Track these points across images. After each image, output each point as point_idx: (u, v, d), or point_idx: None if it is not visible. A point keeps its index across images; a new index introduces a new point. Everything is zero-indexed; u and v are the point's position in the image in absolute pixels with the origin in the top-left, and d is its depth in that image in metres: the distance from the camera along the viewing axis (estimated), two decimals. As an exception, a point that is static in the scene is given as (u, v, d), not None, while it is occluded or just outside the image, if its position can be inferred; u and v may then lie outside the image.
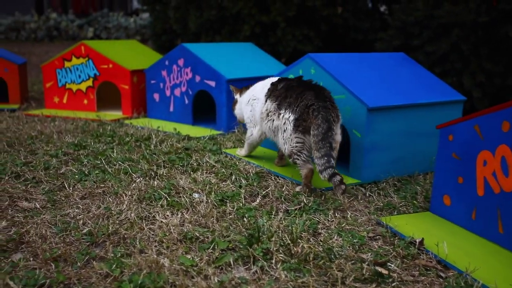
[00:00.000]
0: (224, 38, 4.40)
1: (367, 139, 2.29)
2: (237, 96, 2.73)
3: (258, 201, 2.10)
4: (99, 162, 2.48)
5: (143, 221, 1.86)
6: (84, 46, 3.80)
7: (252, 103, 2.52)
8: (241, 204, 2.05)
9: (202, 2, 4.39)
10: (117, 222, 1.85)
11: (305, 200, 2.09)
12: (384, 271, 1.54)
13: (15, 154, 2.58)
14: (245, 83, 3.24)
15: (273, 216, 1.95)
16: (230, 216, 1.93)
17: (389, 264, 1.60)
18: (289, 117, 2.21)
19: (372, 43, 3.95)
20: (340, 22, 3.99)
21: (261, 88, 2.47)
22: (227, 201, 2.08)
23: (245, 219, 1.90)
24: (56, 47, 10.94)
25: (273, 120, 2.30)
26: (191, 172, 2.41)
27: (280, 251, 1.65)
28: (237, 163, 2.56)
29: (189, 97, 3.41)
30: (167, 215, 1.91)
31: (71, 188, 2.17)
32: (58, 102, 3.95)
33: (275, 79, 2.46)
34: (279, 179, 2.37)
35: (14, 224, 1.82)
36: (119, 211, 1.93)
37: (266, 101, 2.35)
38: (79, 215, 1.90)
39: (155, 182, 2.23)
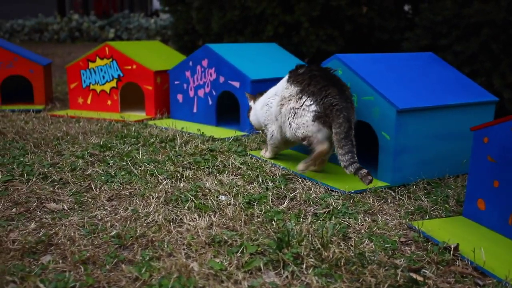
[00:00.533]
0: (247, 38, 4.37)
1: (396, 141, 2.24)
2: (251, 103, 2.80)
3: (285, 204, 2.07)
4: (124, 163, 2.47)
5: (171, 223, 1.85)
6: (108, 47, 3.82)
7: (268, 102, 2.57)
8: (268, 207, 2.02)
9: (225, 2, 4.38)
10: (145, 224, 1.84)
11: (333, 203, 2.06)
12: (419, 278, 1.49)
13: (42, 155, 2.59)
14: (269, 84, 3.21)
15: (301, 219, 1.92)
16: (258, 219, 1.90)
17: (423, 270, 1.55)
18: (310, 105, 2.28)
19: (398, 43, 3.89)
20: (365, 22, 3.94)
21: (274, 88, 2.59)
22: (254, 203, 2.05)
23: (273, 222, 1.87)
24: (78, 48, 11.07)
25: (290, 103, 2.35)
26: (217, 174, 2.39)
27: (311, 255, 1.62)
28: (263, 165, 2.54)
29: (213, 98, 3.39)
30: (195, 218, 1.89)
31: (97, 190, 2.16)
32: (82, 103, 3.98)
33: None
34: (306, 182, 2.34)
35: (42, 225, 1.82)
36: (146, 213, 1.92)
37: (289, 86, 2.39)
38: (107, 217, 1.89)
39: (181, 184, 2.22)
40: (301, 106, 2.30)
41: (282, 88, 2.45)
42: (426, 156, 2.32)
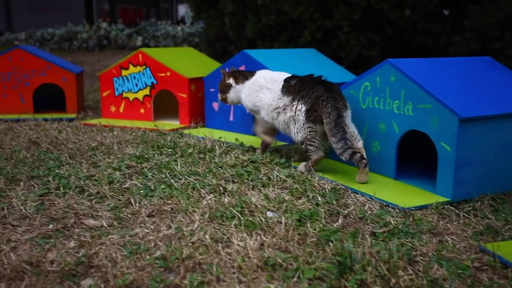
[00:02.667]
0: (282, 44, 4.23)
1: (458, 153, 2.06)
2: (231, 81, 2.79)
3: (340, 221, 1.91)
4: (163, 176, 2.34)
5: (218, 243, 1.70)
6: (142, 54, 3.72)
7: (260, 90, 2.64)
8: (321, 225, 1.86)
9: (261, 7, 4.24)
10: (190, 244, 1.69)
11: (392, 222, 1.88)
12: (507, 312, 1.31)
13: (77, 167, 2.48)
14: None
15: (359, 239, 1.76)
16: (312, 239, 1.74)
17: (509, 302, 1.37)
18: (302, 108, 2.41)
19: (443, 48, 3.70)
20: (407, 26, 3.75)
21: (271, 80, 2.63)
22: (306, 221, 1.89)
23: (330, 243, 1.71)
24: (106, 55, 11.10)
25: (287, 113, 2.49)
26: (262, 188, 2.24)
27: (377, 283, 1.45)
28: (310, 178, 2.38)
29: (250, 106, 3.25)
30: (243, 237, 1.74)
31: (137, 205, 2.03)
32: (114, 111, 3.88)
33: (273, 73, 2.69)
34: (359, 196, 2.17)
35: (81, 244, 1.69)
36: (190, 231, 1.78)
37: (283, 96, 2.52)
38: (149, 236, 1.75)
39: (226, 199, 2.07)
40: (295, 112, 2.45)
41: (276, 98, 2.55)
42: (491, 169, 2.13)
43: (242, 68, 3.25)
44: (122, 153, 2.73)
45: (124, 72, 3.81)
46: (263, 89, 2.63)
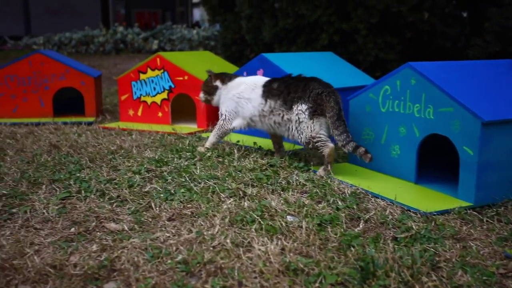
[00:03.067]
0: (299, 47, 4.22)
1: (481, 157, 2.03)
2: (217, 83, 2.85)
3: (361, 226, 1.89)
4: (183, 179, 2.35)
5: (239, 248, 1.70)
6: (160, 58, 3.74)
7: (238, 102, 2.73)
8: (342, 230, 1.85)
9: (278, 11, 4.25)
10: (211, 248, 1.69)
11: (414, 227, 1.87)
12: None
13: (97, 170, 2.50)
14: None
15: (381, 244, 1.74)
16: (334, 244, 1.73)
17: (536, 310, 1.35)
18: (303, 107, 2.47)
19: (462, 50, 3.66)
20: (426, 28, 3.72)
21: (250, 88, 2.70)
22: (327, 226, 1.88)
23: (352, 248, 1.70)
24: (122, 59, 11.19)
25: (281, 115, 2.56)
26: (281, 192, 2.24)
27: (401, 289, 1.44)
28: (329, 182, 2.37)
29: (268, 110, 3.25)
30: (264, 242, 1.74)
31: (157, 209, 2.04)
32: (132, 115, 3.91)
33: (258, 78, 2.78)
34: (380, 201, 2.15)
35: (103, 248, 1.70)
36: (211, 235, 1.78)
37: (266, 101, 2.61)
38: (170, 240, 1.76)
39: (245, 203, 2.07)
40: (296, 114, 2.50)
41: (257, 104, 2.64)
42: (514, 173, 2.10)
43: (260, 72, 3.25)
44: (141, 157, 2.75)
45: (142, 76, 3.84)
46: (241, 99, 2.72)
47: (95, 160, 2.69)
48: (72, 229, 1.87)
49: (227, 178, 2.37)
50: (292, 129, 2.53)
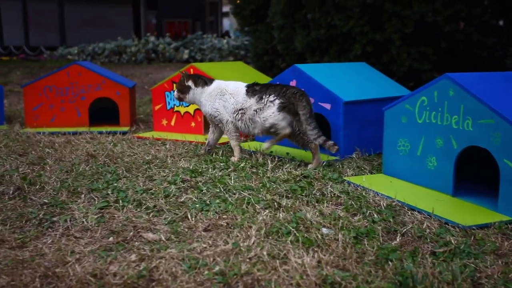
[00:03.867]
0: (331, 58, 4.21)
1: (522, 170, 1.98)
2: (190, 83, 3.05)
3: (397, 240, 1.87)
4: (218, 190, 2.37)
5: (276, 260, 1.70)
6: (193, 68, 3.79)
7: (223, 98, 2.97)
8: (379, 243, 1.83)
9: (310, 21, 4.25)
10: (248, 260, 1.70)
11: (453, 241, 1.83)
12: None
13: (134, 180, 2.54)
14: (363, 106, 3.05)
15: (419, 259, 1.71)
16: (371, 258, 1.71)
17: None
18: (274, 100, 2.78)
19: (500, 60, 3.59)
20: (462, 38, 3.67)
21: (232, 87, 2.99)
22: (363, 239, 1.87)
23: (389, 262, 1.68)
24: (154, 68, 11.36)
25: (253, 108, 2.84)
26: (316, 204, 2.23)
27: (442, 305, 1.41)
28: (364, 194, 2.35)
29: (301, 120, 3.25)
30: (300, 254, 1.73)
31: (193, 219, 2.06)
32: (166, 124, 3.97)
33: (238, 83, 3.03)
34: (416, 214, 2.12)
35: (142, 258, 1.73)
36: (247, 247, 1.79)
37: (249, 98, 2.88)
38: (207, 251, 1.77)
39: (281, 215, 2.07)
40: (265, 103, 2.79)
41: (240, 101, 2.91)
42: (558, 187, 2.04)
43: (293, 82, 3.26)
44: (176, 167, 2.78)
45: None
46: (225, 95, 2.97)
47: (131, 170, 2.73)
48: (111, 238, 1.90)
49: (261, 189, 2.38)
50: (256, 117, 2.82)
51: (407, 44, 3.82)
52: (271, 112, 2.78)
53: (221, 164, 2.83)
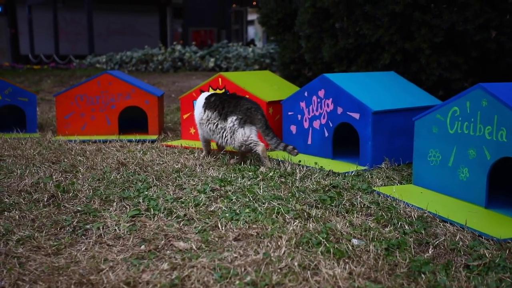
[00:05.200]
0: (359, 67, 4.20)
1: (559, 183, 1.94)
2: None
3: (430, 252, 1.84)
4: (247, 199, 2.38)
5: (307, 271, 1.70)
6: (221, 78, 3.82)
7: (197, 108, 3.30)
8: (411, 255, 1.81)
9: (338, 30, 4.24)
10: (279, 270, 1.70)
11: (487, 254, 1.80)
12: None
13: (164, 189, 2.57)
14: (392, 116, 3.04)
15: (452, 272, 1.69)
16: (403, 270, 1.70)
17: None
18: (235, 119, 3.00)
19: (533, 69, 3.52)
20: (493, 47, 3.61)
21: (201, 98, 3.30)
22: (394, 250, 1.85)
23: (422, 275, 1.66)
24: (180, 77, 11.48)
25: (216, 124, 3.11)
26: (345, 214, 2.22)
27: (478, 320, 1.39)
28: (394, 204, 2.33)
29: (329, 130, 3.25)
30: (332, 265, 1.73)
31: (223, 228, 2.07)
32: (194, 133, 4.00)
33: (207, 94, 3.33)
34: (448, 226, 2.09)
35: (173, 266, 1.75)
36: (278, 257, 1.79)
37: (205, 111, 3.18)
38: (238, 260, 1.78)
39: (310, 225, 2.07)
40: (231, 126, 3.01)
41: (198, 113, 3.24)
42: None
43: (322, 92, 3.26)
44: (205, 176, 2.81)
45: (204, 96, 3.92)
46: (197, 107, 3.29)
47: (161, 178, 2.77)
48: (142, 247, 1.92)
49: (290, 199, 2.38)
50: (226, 136, 3.05)
51: (436, 53, 3.78)
52: (237, 132, 3.00)
53: (250, 173, 2.84)
